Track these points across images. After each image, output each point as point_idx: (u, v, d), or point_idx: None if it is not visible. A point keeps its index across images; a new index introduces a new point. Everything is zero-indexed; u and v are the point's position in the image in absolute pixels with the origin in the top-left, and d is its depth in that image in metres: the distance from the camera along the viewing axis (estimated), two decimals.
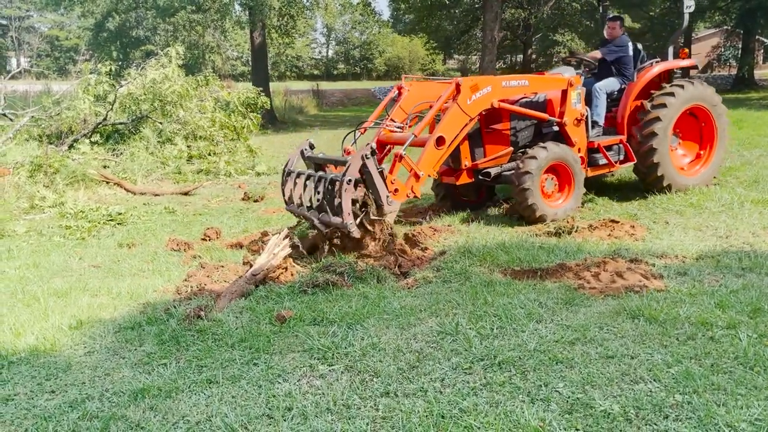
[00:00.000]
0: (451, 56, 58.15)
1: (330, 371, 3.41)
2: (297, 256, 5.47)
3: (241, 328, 4.04)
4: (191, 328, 4.07)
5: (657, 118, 7.18)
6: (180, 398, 3.21)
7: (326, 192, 5.43)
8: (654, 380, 3.07)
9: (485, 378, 3.21)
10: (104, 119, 12.05)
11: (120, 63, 24.60)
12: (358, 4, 35.72)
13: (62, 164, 9.74)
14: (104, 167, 10.77)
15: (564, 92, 6.89)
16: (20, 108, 14.01)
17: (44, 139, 11.30)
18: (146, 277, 5.47)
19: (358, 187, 5.44)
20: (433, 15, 31.71)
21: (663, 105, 7.23)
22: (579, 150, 7.01)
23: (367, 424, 2.85)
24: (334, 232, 5.50)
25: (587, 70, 7.93)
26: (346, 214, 5.18)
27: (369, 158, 5.30)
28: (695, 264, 4.88)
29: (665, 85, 7.46)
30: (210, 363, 3.59)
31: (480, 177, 6.94)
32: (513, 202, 6.76)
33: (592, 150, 7.22)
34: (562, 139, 6.94)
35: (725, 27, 37.44)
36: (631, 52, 7.56)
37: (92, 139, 11.83)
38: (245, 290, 4.71)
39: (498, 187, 7.89)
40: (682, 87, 7.41)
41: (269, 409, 3.04)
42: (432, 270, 5.11)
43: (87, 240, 7.04)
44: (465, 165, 6.86)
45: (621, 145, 7.40)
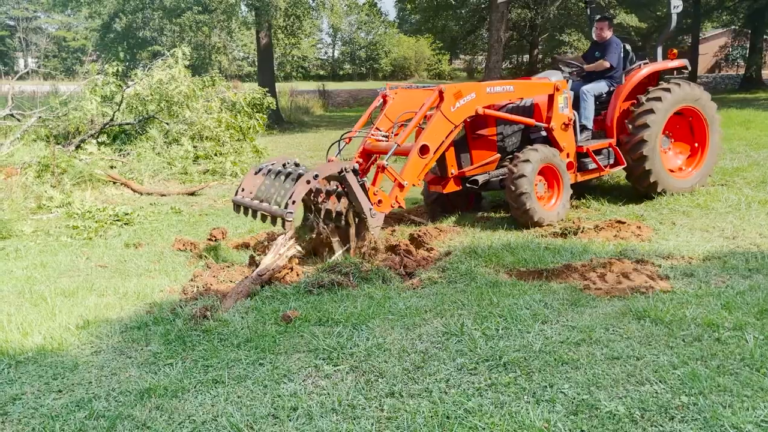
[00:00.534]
0: (457, 56, 58.07)
1: (335, 371, 3.42)
2: (302, 257, 5.47)
3: (247, 329, 4.06)
4: (197, 328, 4.08)
5: (646, 122, 7.04)
6: (186, 398, 3.22)
7: (283, 183, 5.31)
8: (660, 381, 3.07)
9: (490, 379, 3.21)
10: (111, 120, 12.10)
11: (127, 64, 24.67)
12: (364, 5, 35.64)
13: (69, 164, 9.78)
14: (111, 167, 10.82)
15: (551, 97, 6.77)
16: (28, 108, 14.09)
17: (52, 140, 11.35)
18: (153, 277, 5.49)
19: (342, 198, 5.38)
20: (439, 15, 31.68)
21: (651, 109, 7.08)
22: (568, 155, 6.88)
23: (372, 425, 2.86)
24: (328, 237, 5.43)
25: (575, 74, 7.79)
26: (290, 202, 4.99)
27: (348, 173, 5.18)
28: (702, 265, 4.86)
29: (651, 89, 7.31)
30: (216, 363, 3.60)
31: (468, 185, 6.79)
32: (511, 208, 6.50)
33: (581, 154, 7.09)
34: (551, 144, 6.81)
35: (733, 27, 37.34)
36: (622, 54, 7.46)
37: (99, 140, 11.87)
38: (251, 290, 4.72)
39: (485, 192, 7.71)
40: (671, 89, 7.26)
41: (275, 409, 3.05)
42: (437, 270, 5.11)
43: (94, 240, 7.07)
44: (451, 173, 6.69)
45: (610, 149, 7.29)
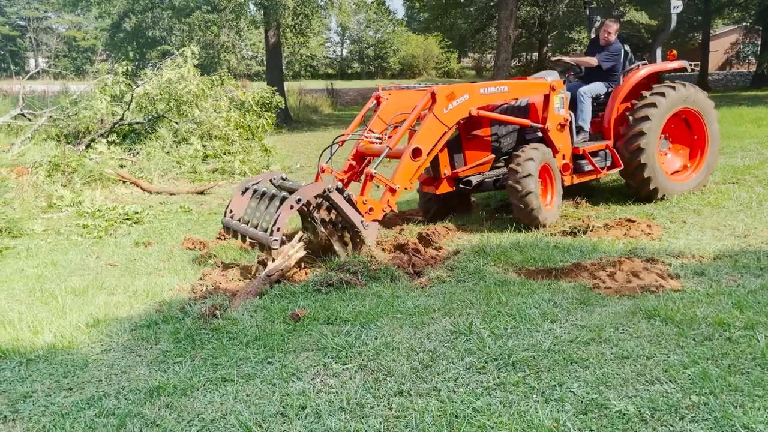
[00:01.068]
0: (466, 54, 57.94)
1: (343, 370, 3.42)
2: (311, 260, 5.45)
3: (256, 327, 4.06)
4: (206, 327, 4.10)
5: (642, 129, 6.90)
6: (195, 396, 3.23)
7: (267, 208, 5.23)
8: (670, 381, 3.05)
9: (499, 378, 3.20)
10: (121, 119, 12.16)
11: (136, 63, 24.78)
12: (373, 3, 35.60)
13: (80, 164, 9.84)
14: (121, 167, 10.87)
15: (546, 97, 6.62)
16: (38, 108, 14.20)
17: (62, 139, 11.43)
18: (162, 276, 5.51)
19: (332, 211, 5.31)
20: (448, 13, 31.60)
21: (647, 117, 6.94)
22: (564, 156, 6.76)
23: (381, 423, 2.86)
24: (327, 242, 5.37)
25: (573, 74, 7.67)
26: (275, 229, 4.91)
27: (333, 192, 5.08)
28: (713, 264, 4.82)
29: (647, 92, 7.18)
30: (225, 361, 3.61)
31: (461, 186, 6.64)
32: (515, 209, 6.32)
33: (578, 156, 6.95)
34: (546, 146, 6.67)
35: (744, 23, 37.04)
36: (621, 60, 7.35)
37: (109, 139, 11.94)
38: (260, 290, 4.73)
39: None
40: (670, 90, 7.14)
41: (283, 408, 3.05)
42: (446, 269, 5.09)
43: (104, 239, 7.11)
44: (444, 173, 6.53)
45: (607, 151, 7.16)
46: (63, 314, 4.57)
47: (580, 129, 7.07)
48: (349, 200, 5.23)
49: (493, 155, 6.74)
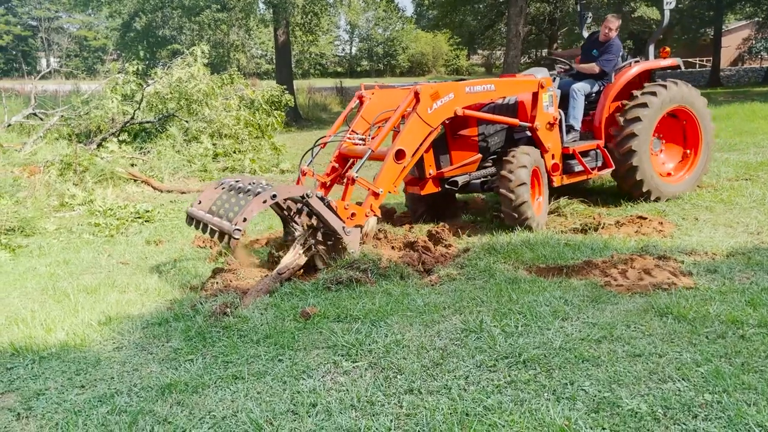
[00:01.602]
0: (475, 52, 57.81)
1: (354, 368, 3.42)
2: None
3: (266, 325, 4.07)
4: (217, 325, 4.11)
5: (634, 131, 6.74)
6: (206, 393, 3.25)
7: (238, 201, 5.01)
8: (683, 379, 3.02)
9: (510, 376, 3.19)
10: (132, 118, 12.24)
11: (147, 62, 24.91)
12: (382, 1, 35.56)
13: (91, 163, 9.91)
14: (132, 165, 10.94)
15: (535, 95, 6.39)
16: (50, 107, 14.31)
17: (73, 138, 11.52)
18: (173, 274, 5.54)
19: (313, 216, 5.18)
20: (457, 10, 31.51)
21: (638, 117, 6.78)
22: (553, 156, 6.55)
23: (391, 421, 2.85)
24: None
25: (563, 71, 7.45)
26: (240, 219, 4.63)
27: (312, 197, 4.93)
28: (725, 261, 4.78)
29: (638, 92, 7.01)
30: (235, 359, 3.62)
31: (447, 186, 6.47)
32: (507, 217, 6.16)
33: (567, 156, 6.72)
34: (535, 145, 6.52)
35: (756, 18, 36.67)
36: (619, 58, 7.18)
37: (120, 138, 12.03)
38: (271, 287, 4.74)
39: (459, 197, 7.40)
40: (662, 89, 6.97)
41: (294, 405, 3.05)
42: (456, 267, 5.08)
43: (115, 237, 7.16)
44: (429, 173, 6.35)
45: (598, 151, 6.95)
46: (75, 312, 4.60)
47: (571, 128, 6.85)
48: (329, 206, 5.06)
49: (481, 155, 6.53)
